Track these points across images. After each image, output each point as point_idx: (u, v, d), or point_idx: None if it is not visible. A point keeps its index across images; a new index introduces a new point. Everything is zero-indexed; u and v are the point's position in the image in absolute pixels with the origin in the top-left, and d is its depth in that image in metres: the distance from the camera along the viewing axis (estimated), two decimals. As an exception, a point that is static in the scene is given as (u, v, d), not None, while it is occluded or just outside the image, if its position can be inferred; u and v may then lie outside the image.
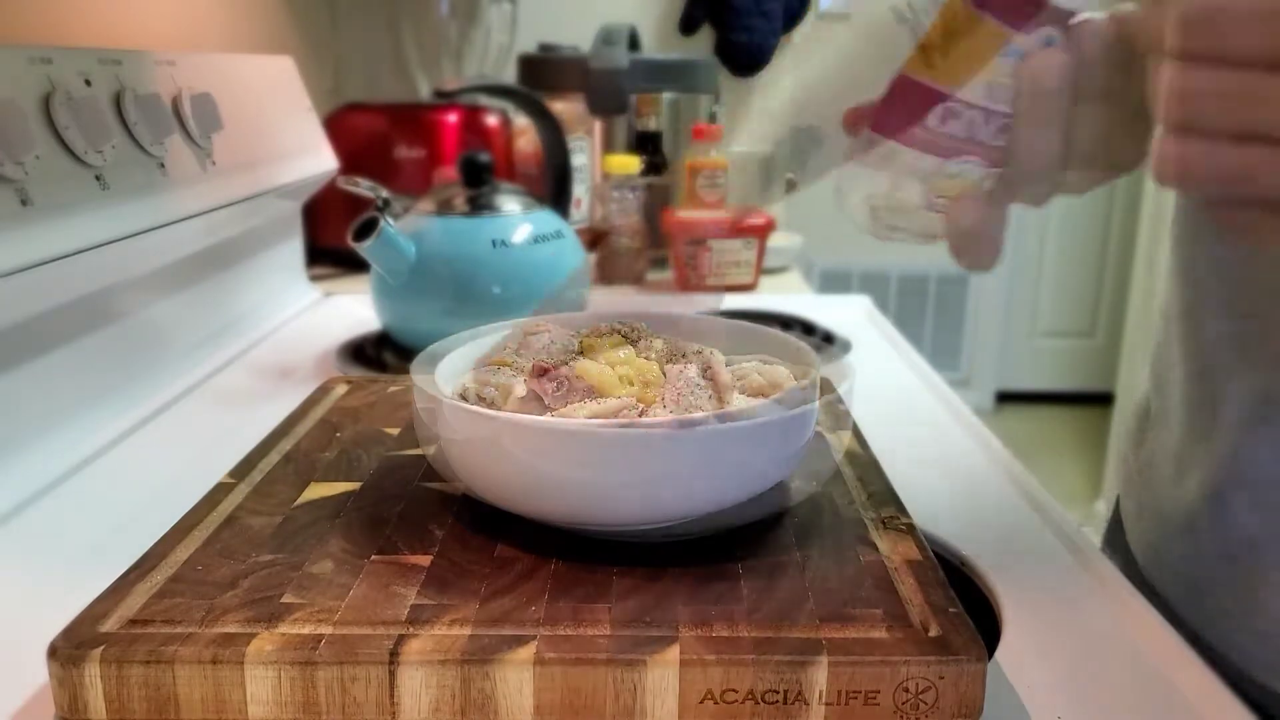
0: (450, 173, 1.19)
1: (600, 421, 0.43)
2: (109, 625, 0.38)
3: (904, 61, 0.42)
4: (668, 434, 0.42)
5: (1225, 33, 0.31)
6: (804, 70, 0.57)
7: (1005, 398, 3.41)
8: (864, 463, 0.55)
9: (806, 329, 0.97)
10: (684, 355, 0.49)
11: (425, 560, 0.44)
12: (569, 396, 0.45)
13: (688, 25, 2.73)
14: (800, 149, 0.52)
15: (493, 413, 0.44)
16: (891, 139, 0.43)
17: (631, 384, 0.46)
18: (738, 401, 0.47)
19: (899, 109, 0.42)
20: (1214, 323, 0.51)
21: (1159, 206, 2.50)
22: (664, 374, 0.47)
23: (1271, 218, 0.33)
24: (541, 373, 0.46)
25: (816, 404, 0.48)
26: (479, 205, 0.85)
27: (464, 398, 0.48)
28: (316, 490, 0.51)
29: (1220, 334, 0.50)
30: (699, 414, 0.43)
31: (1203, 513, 0.54)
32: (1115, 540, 0.66)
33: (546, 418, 0.44)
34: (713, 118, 1.46)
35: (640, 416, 0.44)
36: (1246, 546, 0.51)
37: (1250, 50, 0.31)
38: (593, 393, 0.45)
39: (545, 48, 1.54)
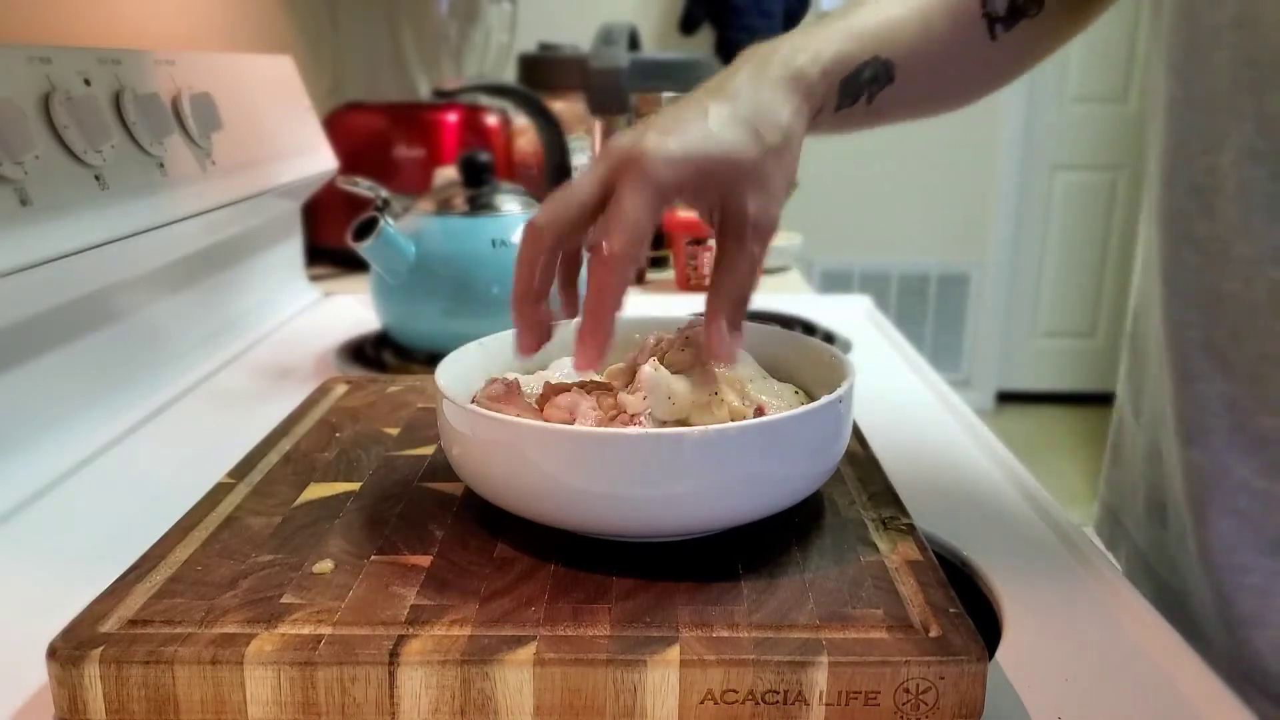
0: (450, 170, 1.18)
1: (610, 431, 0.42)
2: (108, 625, 0.38)
3: None
4: (696, 441, 0.41)
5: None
6: (884, 7, 0.56)
7: (1005, 398, 3.41)
8: (864, 463, 0.55)
9: (807, 329, 0.97)
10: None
11: (425, 560, 0.43)
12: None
13: (688, 25, 2.74)
14: (872, 80, 0.51)
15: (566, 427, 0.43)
16: None
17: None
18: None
19: None
20: (1190, 331, 0.51)
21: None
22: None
23: None
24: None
25: (852, 415, 0.48)
26: (479, 205, 0.85)
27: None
28: (316, 490, 0.51)
29: (1195, 339, 0.51)
30: (730, 423, 0.43)
31: (1180, 510, 0.54)
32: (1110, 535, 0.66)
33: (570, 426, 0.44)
34: (713, 117, 1.45)
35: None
36: (1220, 548, 0.51)
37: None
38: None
39: (545, 47, 1.54)
